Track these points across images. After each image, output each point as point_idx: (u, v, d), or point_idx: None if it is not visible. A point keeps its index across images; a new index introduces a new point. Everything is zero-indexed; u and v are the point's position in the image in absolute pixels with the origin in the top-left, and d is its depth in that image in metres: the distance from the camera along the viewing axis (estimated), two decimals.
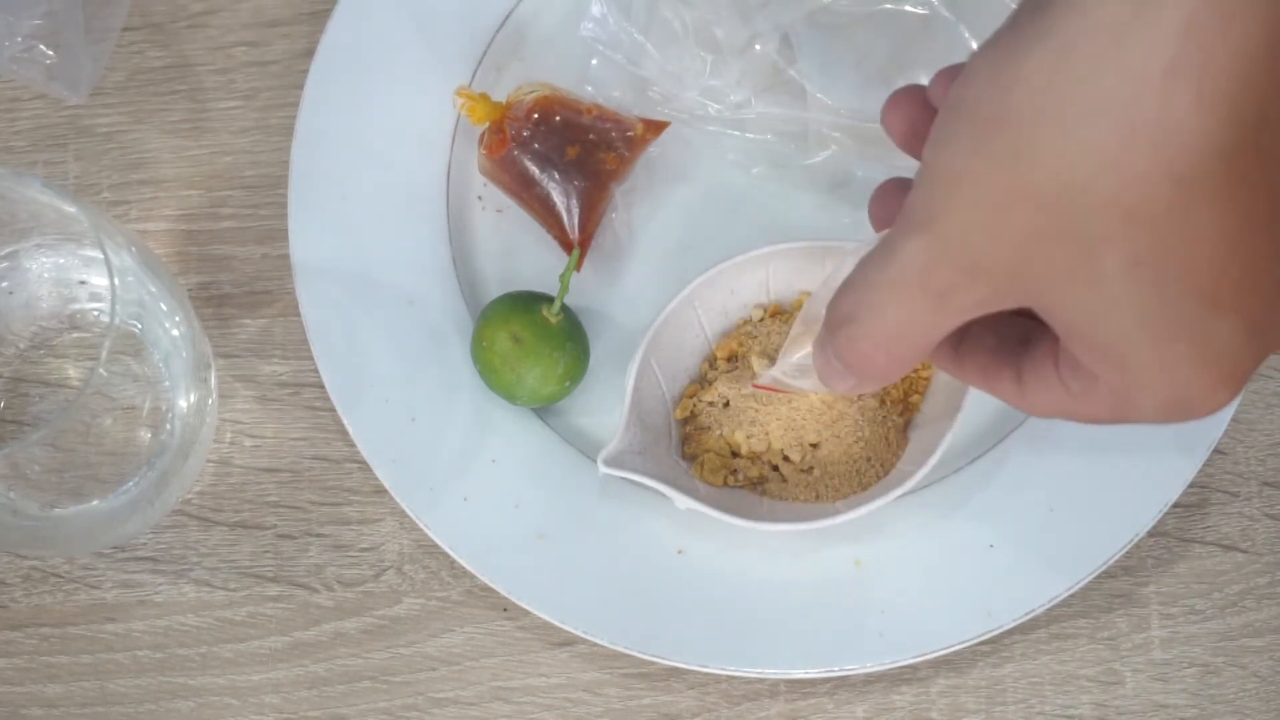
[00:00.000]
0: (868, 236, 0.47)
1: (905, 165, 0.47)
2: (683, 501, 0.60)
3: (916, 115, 0.45)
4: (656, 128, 0.65)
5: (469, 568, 0.62)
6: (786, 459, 0.62)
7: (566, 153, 0.64)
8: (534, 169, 0.64)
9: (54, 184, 0.54)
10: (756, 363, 0.62)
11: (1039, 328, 0.43)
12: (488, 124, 0.65)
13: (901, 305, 0.42)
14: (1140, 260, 0.38)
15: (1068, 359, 0.42)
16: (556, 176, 0.64)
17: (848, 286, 0.43)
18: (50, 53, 0.68)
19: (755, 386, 0.59)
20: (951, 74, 0.44)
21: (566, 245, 0.65)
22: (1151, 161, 0.36)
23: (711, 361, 0.64)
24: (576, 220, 0.64)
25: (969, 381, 0.47)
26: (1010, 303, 0.41)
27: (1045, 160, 0.37)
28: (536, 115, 0.64)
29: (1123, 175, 0.36)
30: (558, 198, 0.64)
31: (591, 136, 0.64)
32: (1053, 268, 0.39)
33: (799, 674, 0.61)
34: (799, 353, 0.51)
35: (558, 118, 0.64)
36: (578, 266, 0.63)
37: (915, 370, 0.63)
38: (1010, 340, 0.45)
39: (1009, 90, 0.37)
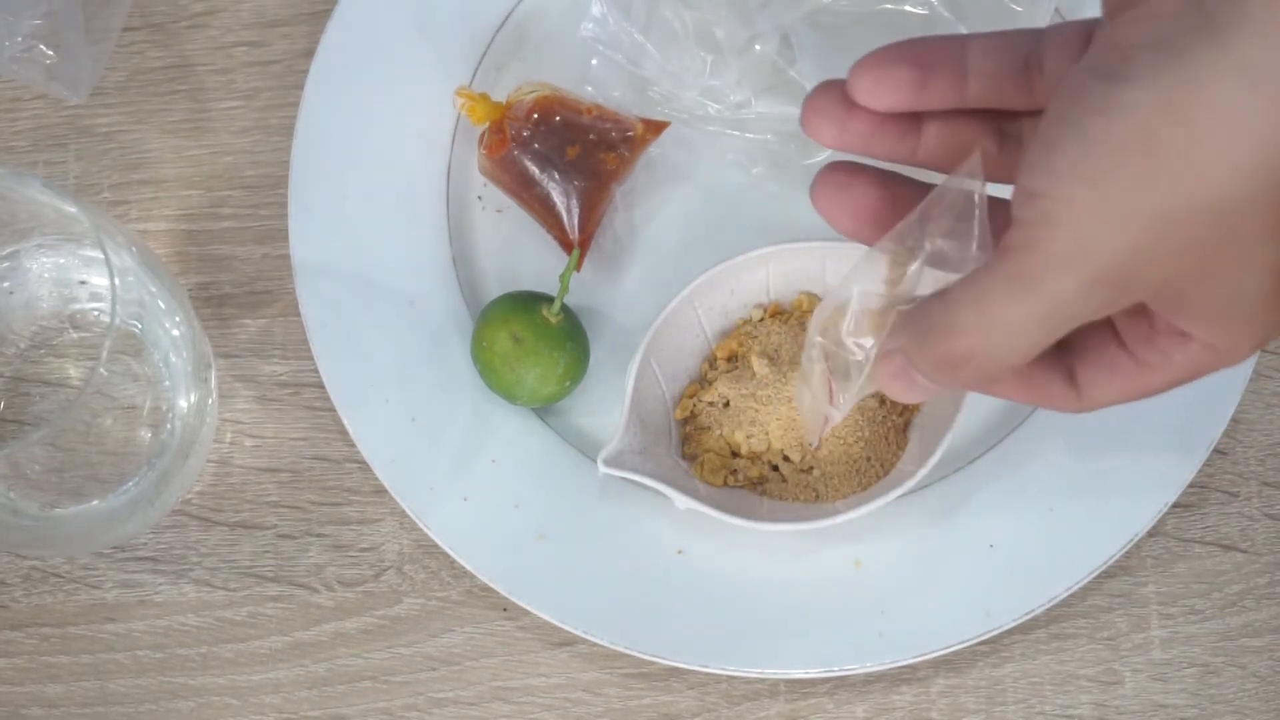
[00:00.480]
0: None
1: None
2: (683, 501, 0.60)
3: (843, 116, 0.46)
4: (656, 128, 0.65)
5: (469, 568, 0.62)
6: (786, 459, 0.62)
7: (566, 153, 0.64)
8: (534, 169, 0.64)
9: (54, 184, 0.54)
10: (756, 363, 0.62)
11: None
12: (488, 124, 0.65)
13: (1035, 337, 0.42)
14: None
15: (1140, 334, 0.44)
16: (556, 176, 0.64)
17: (964, 327, 0.43)
18: (50, 53, 0.68)
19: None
20: (870, 69, 0.45)
21: (566, 245, 0.65)
22: None
23: (711, 361, 0.64)
24: (576, 220, 0.64)
25: (1007, 396, 0.47)
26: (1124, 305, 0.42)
27: (1231, 180, 0.39)
28: (536, 115, 0.64)
29: None
30: (558, 198, 0.64)
31: (591, 136, 0.64)
32: (1205, 270, 0.41)
33: (799, 674, 0.61)
34: (857, 389, 0.49)
35: (558, 118, 0.64)
36: (578, 266, 0.63)
37: None
38: None
39: (1193, 121, 0.38)
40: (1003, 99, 0.45)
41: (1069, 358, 0.46)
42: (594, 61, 0.66)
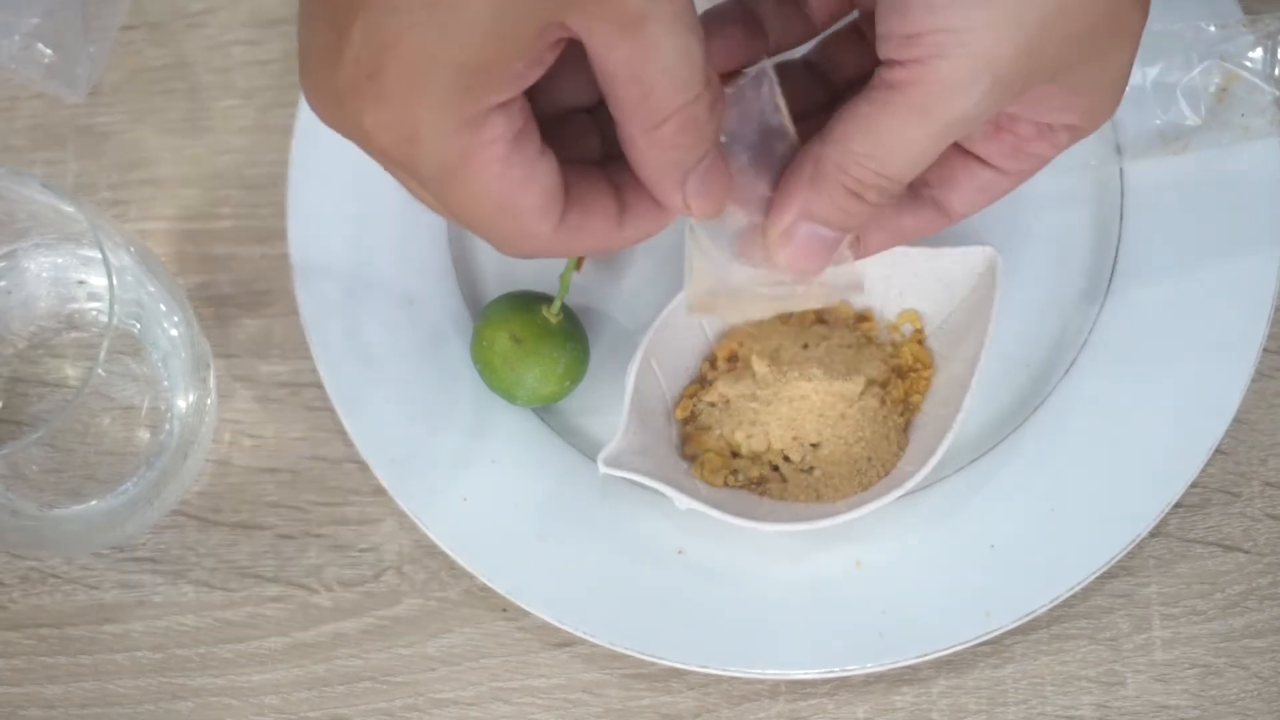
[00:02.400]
0: None
1: None
2: (683, 501, 0.60)
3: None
4: None
5: (469, 568, 0.62)
6: (786, 459, 0.62)
7: None
8: None
9: (53, 183, 0.54)
10: (756, 363, 0.62)
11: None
12: None
13: (933, 151, 0.45)
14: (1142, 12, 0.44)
15: (1007, 149, 0.47)
16: None
17: (862, 156, 0.44)
18: (49, 52, 0.68)
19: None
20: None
21: None
22: None
23: (711, 361, 0.64)
24: None
25: (882, 246, 0.51)
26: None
27: None
28: None
29: None
30: None
31: None
32: (1086, 50, 0.43)
33: (799, 674, 0.60)
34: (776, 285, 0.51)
35: None
36: (578, 266, 0.63)
37: (916, 370, 0.63)
38: None
39: None
40: None
41: (928, 191, 0.49)
42: None
